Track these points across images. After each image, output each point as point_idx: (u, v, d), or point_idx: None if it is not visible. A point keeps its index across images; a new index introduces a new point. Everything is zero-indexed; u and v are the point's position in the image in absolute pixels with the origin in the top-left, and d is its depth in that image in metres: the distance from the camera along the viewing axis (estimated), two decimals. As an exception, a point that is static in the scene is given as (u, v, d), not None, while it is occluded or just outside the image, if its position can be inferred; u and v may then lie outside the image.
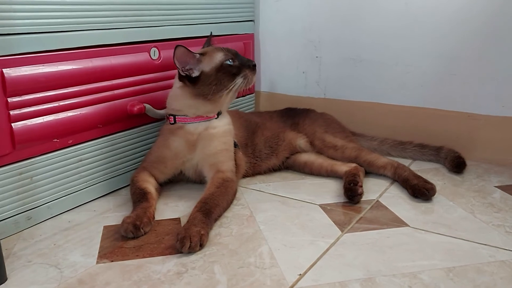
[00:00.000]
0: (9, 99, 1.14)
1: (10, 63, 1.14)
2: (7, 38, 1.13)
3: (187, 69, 1.35)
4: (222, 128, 1.41)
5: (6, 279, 0.99)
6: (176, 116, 1.38)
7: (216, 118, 1.41)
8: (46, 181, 1.26)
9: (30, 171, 1.22)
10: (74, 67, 1.28)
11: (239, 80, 1.34)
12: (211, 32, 1.56)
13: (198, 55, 1.35)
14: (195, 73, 1.35)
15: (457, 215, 1.26)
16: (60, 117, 1.26)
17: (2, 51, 1.12)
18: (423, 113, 1.78)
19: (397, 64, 1.81)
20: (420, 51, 1.75)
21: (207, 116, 1.39)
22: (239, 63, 1.36)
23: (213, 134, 1.39)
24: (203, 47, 1.49)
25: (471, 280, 0.96)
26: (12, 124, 1.15)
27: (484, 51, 1.63)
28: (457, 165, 1.57)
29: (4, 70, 1.12)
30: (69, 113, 1.28)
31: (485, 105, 1.66)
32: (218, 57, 1.35)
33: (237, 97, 1.44)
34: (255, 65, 1.37)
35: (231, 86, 1.34)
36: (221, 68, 1.34)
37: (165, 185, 1.45)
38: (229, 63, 1.35)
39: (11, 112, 1.15)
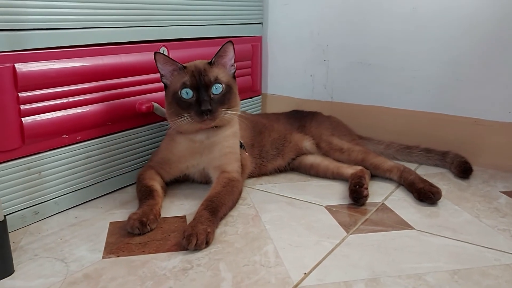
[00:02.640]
0: (20, 94, 1.16)
1: (22, 58, 1.15)
2: (19, 33, 1.15)
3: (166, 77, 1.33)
4: (224, 133, 1.38)
5: (13, 272, 1.00)
6: None
7: (215, 127, 1.35)
8: (54, 177, 1.27)
9: (39, 166, 1.23)
10: (84, 64, 1.30)
11: (185, 117, 1.27)
12: (231, 42, 1.32)
13: (180, 66, 1.30)
14: (168, 84, 1.32)
15: (463, 219, 1.26)
16: (69, 113, 1.27)
17: (15, 46, 1.14)
18: (430, 118, 1.78)
19: (404, 69, 1.81)
20: (427, 56, 1.76)
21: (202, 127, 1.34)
22: (194, 100, 1.26)
23: (216, 142, 1.37)
24: (217, 53, 1.33)
25: (476, 283, 0.96)
26: (22, 119, 1.17)
27: (491, 57, 1.64)
28: (464, 171, 1.57)
29: (16, 65, 1.14)
30: (79, 110, 1.30)
31: (492, 111, 1.66)
32: (179, 83, 1.28)
33: (242, 99, 1.39)
34: (203, 112, 1.24)
35: (180, 119, 1.28)
36: (175, 95, 1.29)
37: (171, 184, 1.46)
38: (184, 96, 1.27)
39: (22, 107, 1.16)
